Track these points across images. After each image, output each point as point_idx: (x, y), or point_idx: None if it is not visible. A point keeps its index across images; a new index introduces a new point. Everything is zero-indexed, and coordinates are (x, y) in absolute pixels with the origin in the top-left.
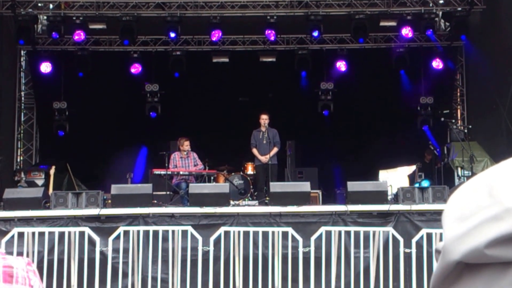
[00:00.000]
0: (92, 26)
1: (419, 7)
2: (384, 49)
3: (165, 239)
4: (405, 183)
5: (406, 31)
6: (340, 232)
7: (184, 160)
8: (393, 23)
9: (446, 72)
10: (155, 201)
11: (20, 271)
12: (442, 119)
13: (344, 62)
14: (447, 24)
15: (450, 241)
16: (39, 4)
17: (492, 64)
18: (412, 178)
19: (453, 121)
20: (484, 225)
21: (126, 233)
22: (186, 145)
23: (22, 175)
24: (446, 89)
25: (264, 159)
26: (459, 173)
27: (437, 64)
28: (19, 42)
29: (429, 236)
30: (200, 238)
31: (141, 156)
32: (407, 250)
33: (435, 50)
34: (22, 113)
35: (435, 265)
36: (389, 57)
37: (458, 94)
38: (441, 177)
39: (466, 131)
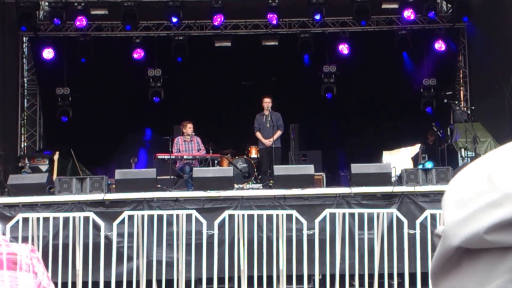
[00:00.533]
0: (94, 12)
1: None
2: (386, 31)
3: (170, 223)
4: (409, 165)
5: (408, 13)
6: (344, 214)
7: (187, 144)
8: (395, 6)
9: (448, 53)
10: (159, 186)
11: (24, 258)
12: (445, 100)
13: (346, 45)
14: (449, 5)
15: (450, 226)
16: None
17: (494, 45)
18: (415, 160)
19: (456, 102)
20: (483, 210)
21: (131, 217)
22: (189, 127)
23: (26, 161)
24: (449, 70)
25: (267, 142)
26: (463, 154)
27: (439, 45)
28: (21, 29)
29: (433, 217)
30: (204, 222)
31: (145, 141)
32: (411, 231)
33: (438, 32)
34: (25, 100)
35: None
36: (391, 39)
37: (461, 75)
38: (445, 158)
39: (469, 112)
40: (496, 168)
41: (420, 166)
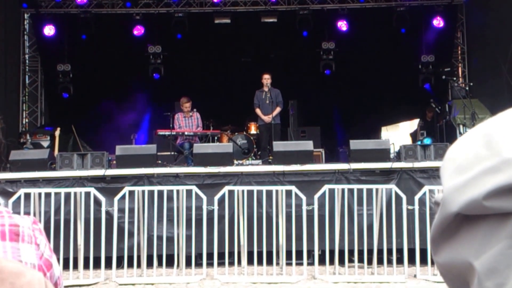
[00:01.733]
0: None
1: None
2: (385, 8)
3: (170, 198)
4: (408, 141)
5: None
6: (343, 190)
7: (187, 120)
8: None
9: (446, 30)
10: (160, 162)
11: (26, 230)
12: (444, 77)
13: (345, 22)
14: None
15: (448, 192)
16: None
17: (492, 22)
18: (414, 136)
19: (455, 78)
20: (482, 176)
21: (131, 193)
22: (186, 107)
23: (28, 137)
24: (447, 47)
25: (267, 118)
26: (461, 131)
27: (437, 22)
28: (22, 6)
29: (431, 193)
30: (204, 198)
31: (145, 117)
32: (410, 207)
33: (436, 8)
34: (27, 76)
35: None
36: (390, 16)
37: (459, 52)
38: (443, 134)
39: (467, 88)
40: (495, 133)
41: (419, 143)
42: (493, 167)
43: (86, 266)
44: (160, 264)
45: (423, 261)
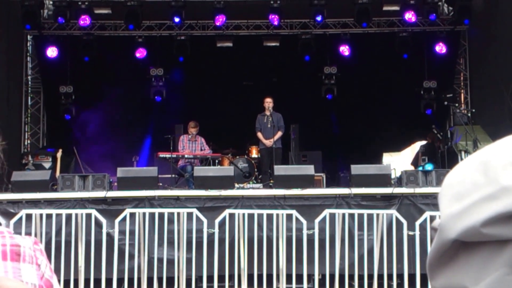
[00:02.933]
0: (97, 11)
1: None
2: (387, 33)
3: (171, 221)
4: (409, 167)
5: (409, 16)
6: (344, 215)
7: (191, 143)
8: (396, 8)
9: (449, 56)
10: (161, 184)
11: (27, 250)
12: (446, 103)
13: (347, 47)
14: (450, 8)
15: (446, 219)
16: None
17: (495, 49)
18: (415, 162)
19: (457, 105)
20: (480, 203)
21: (132, 215)
22: (191, 132)
23: (30, 158)
24: (449, 73)
25: (268, 142)
26: (463, 157)
27: (440, 48)
28: (25, 27)
29: (432, 218)
30: (205, 220)
31: (147, 140)
32: (411, 233)
33: (438, 34)
34: (29, 97)
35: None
36: (392, 41)
37: (462, 78)
38: (445, 160)
39: (469, 115)
40: (493, 161)
41: (420, 168)
42: (491, 195)
43: (87, 287)
44: (160, 286)
45: (424, 287)
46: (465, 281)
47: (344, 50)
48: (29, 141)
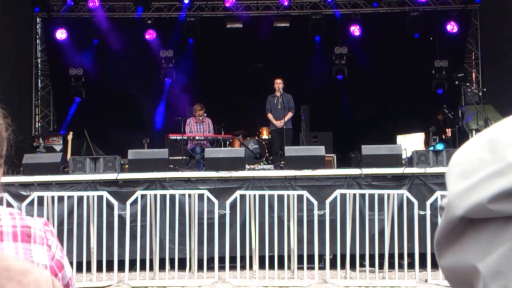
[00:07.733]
0: None
1: None
2: (398, 13)
3: (182, 202)
4: (420, 147)
5: None
6: (354, 195)
7: (199, 125)
8: None
9: (460, 35)
10: (171, 166)
11: (38, 231)
12: (457, 82)
13: (358, 27)
14: None
15: (453, 196)
16: None
17: (507, 27)
18: (426, 142)
19: (468, 84)
20: (487, 180)
21: (143, 197)
22: (199, 114)
23: (41, 140)
24: (460, 52)
25: (279, 123)
26: (474, 136)
27: (451, 27)
28: (34, 9)
29: (443, 198)
30: (216, 202)
31: (157, 121)
32: (422, 212)
33: (450, 13)
34: (39, 80)
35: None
36: (403, 21)
37: (473, 57)
38: (456, 140)
39: (480, 94)
40: (500, 138)
41: (431, 148)
42: (498, 171)
43: (99, 269)
44: (172, 267)
45: (434, 266)
46: (472, 258)
47: (355, 30)
48: (39, 124)
